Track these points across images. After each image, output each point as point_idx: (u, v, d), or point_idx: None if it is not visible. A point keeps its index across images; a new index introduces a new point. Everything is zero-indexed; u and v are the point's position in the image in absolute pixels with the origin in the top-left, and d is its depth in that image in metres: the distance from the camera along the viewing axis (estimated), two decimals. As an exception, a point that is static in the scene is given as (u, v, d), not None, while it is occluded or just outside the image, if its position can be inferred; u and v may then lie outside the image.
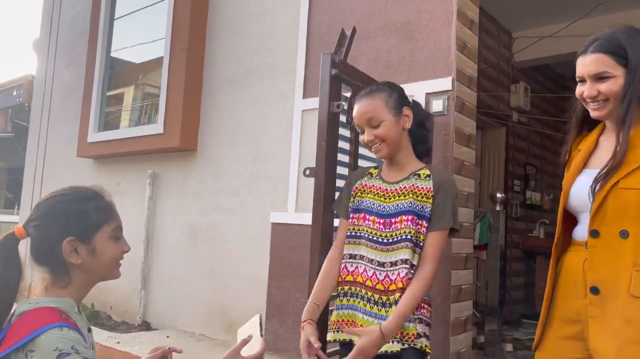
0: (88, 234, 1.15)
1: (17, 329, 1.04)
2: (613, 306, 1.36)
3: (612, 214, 1.39)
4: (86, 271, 1.16)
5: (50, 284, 1.14)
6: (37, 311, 1.08)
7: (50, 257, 1.13)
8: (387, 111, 1.57)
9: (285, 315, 3.06)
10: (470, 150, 2.66)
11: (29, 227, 1.14)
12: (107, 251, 1.18)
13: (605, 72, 1.41)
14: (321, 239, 1.75)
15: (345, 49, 1.82)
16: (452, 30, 2.56)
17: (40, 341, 1.02)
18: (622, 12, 4.52)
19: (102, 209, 1.19)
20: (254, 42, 3.57)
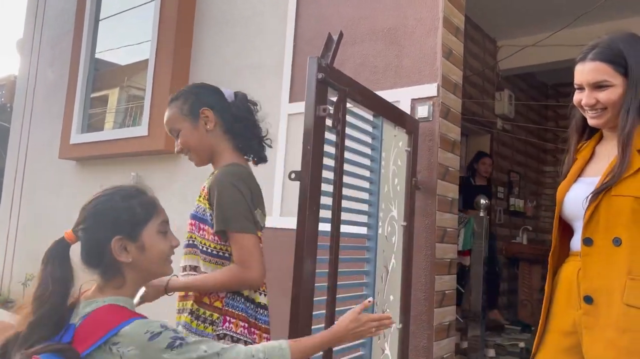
0: (135, 231, 1.15)
1: (94, 327, 1.05)
2: (607, 316, 1.34)
3: (605, 221, 1.38)
4: (137, 268, 1.16)
5: (104, 285, 1.14)
6: (108, 308, 1.09)
7: (101, 259, 1.13)
8: (182, 119, 1.61)
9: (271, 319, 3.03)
10: (454, 156, 2.68)
11: (78, 231, 1.15)
12: (155, 247, 1.18)
13: (605, 81, 1.40)
14: (306, 243, 1.74)
15: (332, 53, 1.82)
16: (438, 37, 2.59)
17: (125, 331, 1.03)
18: (604, 23, 4.60)
19: (146, 205, 1.19)
20: (240, 44, 3.56)
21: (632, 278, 1.33)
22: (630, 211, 1.34)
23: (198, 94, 1.67)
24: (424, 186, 2.53)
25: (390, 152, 2.31)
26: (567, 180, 1.52)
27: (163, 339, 1.04)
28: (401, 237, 2.37)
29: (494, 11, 4.76)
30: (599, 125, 1.48)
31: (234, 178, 1.58)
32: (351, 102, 2.00)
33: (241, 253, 1.53)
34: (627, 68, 1.38)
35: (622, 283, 1.33)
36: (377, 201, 2.22)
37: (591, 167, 1.50)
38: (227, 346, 1.12)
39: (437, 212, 2.52)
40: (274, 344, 1.19)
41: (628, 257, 1.34)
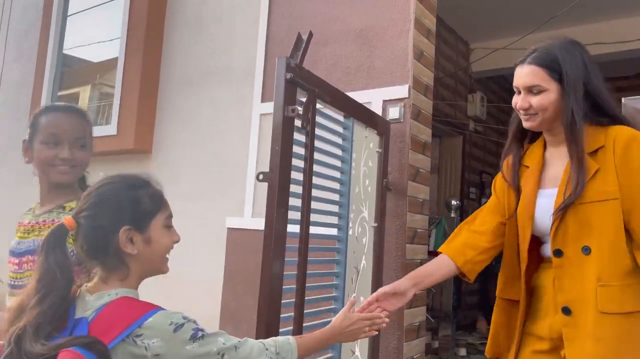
0: (143, 222, 1.12)
1: (113, 320, 1.02)
2: (584, 326, 1.34)
3: (572, 231, 1.38)
4: (141, 262, 1.12)
5: (107, 277, 1.10)
6: (124, 300, 1.06)
7: (106, 249, 1.08)
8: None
9: (239, 322, 3.01)
10: (425, 157, 2.69)
11: (80, 218, 1.09)
12: (161, 241, 1.15)
13: (538, 86, 1.42)
14: (274, 245, 1.72)
15: (301, 53, 1.80)
16: (410, 38, 2.59)
17: (149, 323, 1.01)
18: (573, 27, 4.70)
19: (155, 197, 1.16)
20: (212, 44, 3.52)
21: (602, 284, 1.33)
22: (596, 217, 1.35)
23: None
24: (395, 187, 2.53)
25: (361, 153, 2.30)
26: (531, 194, 1.49)
27: (187, 330, 1.04)
28: (372, 239, 2.37)
29: (467, 14, 4.82)
30: (532, 127, 1.49)
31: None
32: (321, 102, 1.99)
33: None
34: (561, 74, 1.39)
35: (594, 291, 1.33)
36: (347, 202, 2.22)
37: (547, 177, 1.49)
38: (241, 340, 1.13)
39: (408, 213, 2.52)
40: (283, 339, 1.21)
41: (597, 265, 1.34)
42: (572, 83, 1.39)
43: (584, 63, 1.41)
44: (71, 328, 1.03)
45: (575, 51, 1.43)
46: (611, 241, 1.35)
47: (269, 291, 1.68)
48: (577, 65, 1.40)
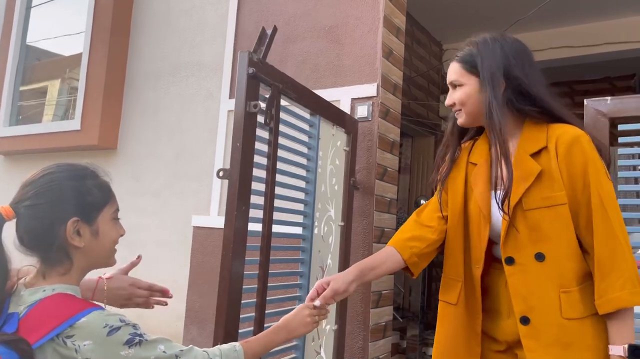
0: (91, 214, 1.07)
1: (44, 317, 0.95)
2: (547, 335, 1.31)
3: (523, 237, 1.34)
4: (87, 255, 1.06)
5: (47, 271, 1.03)
6: (59, 296, 0.99)
7: (50, 241, 1.01)
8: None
9: (204, 322, 2.96)
10: (393, 156, 2.68)
11: (21, 208, 1.01)
12: (108, 233, 1.10)
13: (457, 81, 1.45)
14: (234, 243, 1.67)
15: (265, 47, 1.77)
16: (379, 36, 2.58)
17: (82, 323, 0.95)
18: (541, 30, 4.77)
19: (103, 188, 1.11)
20: (181, 38, 3.45)
21: (565, 290, 1.30)
22: (547, 223, 1.32)
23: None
24: (363, 185, 2.52)
25: (327, 151, 2.28)
26: (485, 197, 1.43)
27: (122, 334, 0.98)
28: (338, 238, 2.34)
29: (440, 15, 4.84)
30: (462, 124, 1.49)
31: None
32: (286, 99, 1.96)
33: None
34: (477, 68, 1.41)
35: (556, 298, 1.30)
36: (312, 201, 2.19)
37: (498, 177, 1.43)
38: (184, 348, 1.06)
39: (375, 212, 2.51)
40: (229, 346, 1.16)
41: (556, 271, 1.31)
42: (488, 75, 1.38)
43: (505, 54, 1.40)
44: (1, 323, 0.97)
45: (494, 44, 1.42)
46: (566, 247, 1.32)
47: (227, 291, 1.63)
48: (494, 57, 1.39)
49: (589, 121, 1.80)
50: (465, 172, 1.52)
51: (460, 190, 1.51)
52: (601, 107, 1.83)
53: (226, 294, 1.63)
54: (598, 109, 1.81)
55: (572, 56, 4.80)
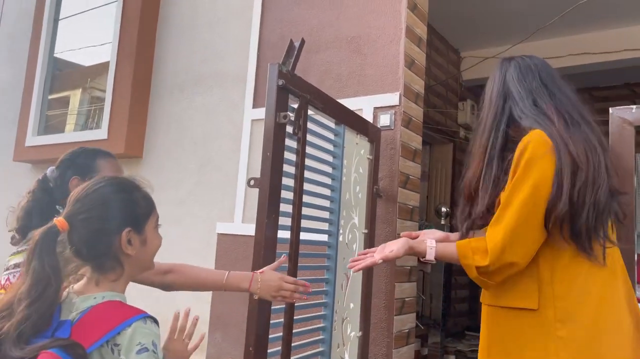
0: (141, 224, 1.14)
1: (95, 323, 1.02)
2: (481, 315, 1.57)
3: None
4: (135, 262, 1.14)
5: (100, 278, 1.10)
6: (110, 304, 1.07)
7: (103, 250, 1.08)
8: None
9: (228, 327, 3.00)
10: (415, 164, 2.71)
11: (76, 221, 1.07)
12: (153, 241, 1.17)
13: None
14: (264, 250, 1.72)
15: (293, 59, 1.82)
16: (401, 46, 2.62)
17: (127, 334, 1.01)
18: (561, 37, 4.76)
19: (147, 199, 1.18)
20: (205, 49, 3.52)
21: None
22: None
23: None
24: (385, 193, 2.55)
25: (351, 159, 2.32)
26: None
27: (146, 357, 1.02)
28: (362, 245, 2.37)
29: (458, 23, 4.87)
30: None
31: None
32: (313, 109, 2.00)
33: None
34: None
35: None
36: (338, 209, 2.23)
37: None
38: None
39: (398, 219, 2.54)
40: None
41: None
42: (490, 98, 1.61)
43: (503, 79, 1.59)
44: (54, 329, 1.02)
45: (503, 68, 1.61)
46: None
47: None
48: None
49: (614, 129, 1.82)
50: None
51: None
52: (626, 115, 1.84)
53: (257, 299, 1.67)
54: (623, 117, 1.82)
55: (592, 62, 4.79)
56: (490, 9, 4.51)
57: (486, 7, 4.49)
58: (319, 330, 2.13)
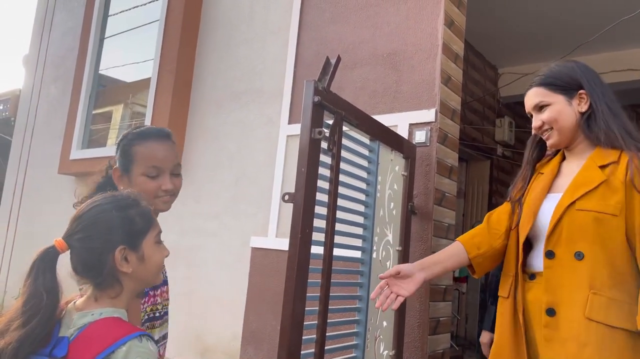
0: (136, 241, 1.14)
1: (91, 341, 1.03)
2: (568, 329, 1.37)
3: (567, 235, 1.42)
4: (134, 279, 1.14)
5: (99, 295, 1.12)
6: (107, 321, 1.07)
7: (100, 269, 1.10)
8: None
9: (261, 342, 3.00)
10: (451, 182, 2.67)
11: (73, 241, 1.11)
12: (153, 257, 1.17)
13: (542, 101, 1.54)
14: (297, 265, 1.72)
15: (329, 76, 1.83)
16: (437, 63, 2.61)
17: (121, 352, 1.01)
18: (601, 53, 4.65)
19: (145, 215, 1.18)
20: (242, 66, 3.59)
21: (594, 292, 1.36)
22: (594, 226, 1.38)
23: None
24: (420, 210, 2.52)
25: (386, 176, 2.30)
26: (538, 196, 1.54)
27: None
28: (396, 262, 2.35)
29: (495, 39, 4.82)
30: (553, 144, 1.56)
31: None
32: (348, 125, 2.01)
33: None
34: (559, 86, 1.52)
35: (584, 297, 1.36)
36: (372, 225, 2.21)
37: (558, 184, 1.54)
38: None
39: (433, 237, 2.50)
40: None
41: (590, 272, 1.37)
42: (589, 85, 1.52)
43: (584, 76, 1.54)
44: (52, 346, 1.03)
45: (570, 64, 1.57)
46: (608, 253, 1.38)
47: (291, 312, 1.68)
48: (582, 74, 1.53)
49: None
50: (531, 182, 1.63)
51: (518, 208, 1.62)
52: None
53: (290, 315, 1.67)
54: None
55: (636, 79, 4.65)
56: (529, 25, 4.45)
57: (525, 23, 4.43)
58: (351, 348, 2.10)
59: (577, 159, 1.53)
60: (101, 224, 1.12)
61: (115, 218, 1.13)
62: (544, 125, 1.55)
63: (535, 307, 1.47)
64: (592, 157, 1.47)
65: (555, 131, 1.53)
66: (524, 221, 1.54)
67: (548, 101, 1.53)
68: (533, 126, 1.58)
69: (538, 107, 1.56)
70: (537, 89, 1.56)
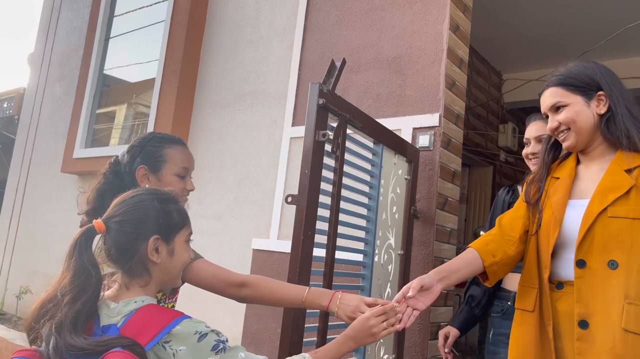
0: (170, 234, 1.16)
1: (144, 325, 1.06)
2: (602, 342, 1.31)
3: (599, 243, 1.36)
4: (161, 272, 1.16)
5: (129, 283, 1.14)
6: (151, 306, 1.10)
7: (132, 255, 1.12)
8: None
9: (261, 344, 3.00)
10: (454, 186, 2.67)
11: (111, 223, 1.13)
12: (181, 254, 1.20)
13: (560, 102, 1.49)
14: (299, 267, 1.72)
15: (334, 79, 1.83)
16: (442, 68, 2.61)
17: (177, 331, 1.05)
18: (606, 61, 4.63)
19: (182, 212, 1.21)
20: (246, 68, 3.60)
21: (630, 302, 1.30)
22: (629, 234, 1.32)
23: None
24: (423, 215, 2.52)
25: (389, 179, 2.30)
26: (560, 203, 1.47)
27: (210, 340, 1.07)
28: (398, 266, 2.34)
29: (500, 45, 4.82)
30: (570, 147, 1.50)
31: None
32: (352, 128, 2.01)
33: None
34: (577, 87, 1.47)
35: (620, 308, 1.30)
36: (374, 228, 2.21)
37: (578, 188, 1.48)
38: (260, 357, 1.13)
39: (435, 242, 2.50)
40: (299, 357, 1.22)
41: (625, 281, 1.31)
42: (608, 86, 1.47)
43: (603, 76, 1.50)
44: (100, 334, 1.05)
45: (588, 63, 1.52)
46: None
47: (292, 314, 1.67)
48: (602, 75, 1.49)
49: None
50: (546, 187, 1.57)
51: (535, 209, 1.56)
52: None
53: (291, 317, 1.67)
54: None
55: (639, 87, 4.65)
56: (534, 31, 4.45)
57: (529, 29, 4.43)
58: (351, 351, 2.10)
59: (596, 163, 1.47)
60: (140, 211, 1.14)
61: (155, 208, 1.15)
62: (560, 126, 1.49)
63: (566, 318, 1.40)
64: (616, 161, 1.41)
65: (573, 132, 1.47)
66: (547, 229, 1.47)
67: (565, 102, 1.47)
68: (549, 127, 1.52)
69: (555, 107, 1.49)
70: (554, 89, 1.50)
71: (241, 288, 1.45)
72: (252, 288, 1.45)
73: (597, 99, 1.46)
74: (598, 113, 1.45)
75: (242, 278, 1.46)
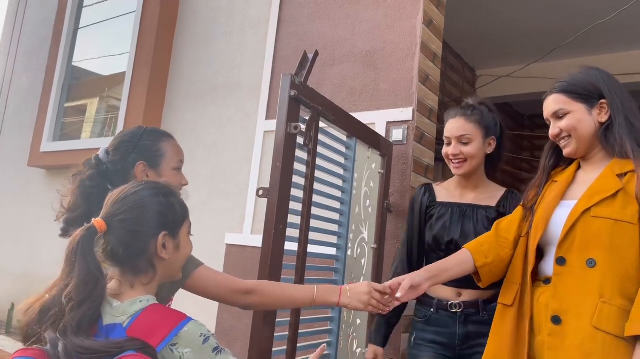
0: (176, 229, 1.14)
1: (153, 327, 1.04)
2: (573, 338, 1.34)
3: (580, 242, 1.39)
4: (167, 267, 1.14)
5: (133, 281, 1.10)
6: (156, 307, 1.09)
7: (139, 252, 1.09)
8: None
9: (234, 340, 2.97)
10: (427, 180, 2.68)
11: (114, 221, 1.08)
12: (185, 247, 1.18)
13: (562, 109, 1.50)
14: (270, 262, 1.70)
15: (306, 71, 1.81)
16: (415, 62, 2.61)
17: (184, 333, 1.04)
18: (576, 58, 4.73)
19: (183, 205, 1.18)
20: (220, 60, 3.55)
21: (605, 301, 1.32)
22: (609, 234, 1.36)
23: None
24: (396, 209, 2.52)
25: (362, 173, 2.30)
26: (550, 203, 1.51)
27: (212, 343, 1.07)
28: (371, 260, 2.34)
29: (474, 41, 4.86)
30: (571, 154, 1.53)
31: None
32: (325, 122, 1.99)
33: None
34: (580, 94, 1.49)
35: (594, 306, 1.33)
36: (347, 222, 2.20)
37: (572, 190, 1.52)
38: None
39: (408, 236, 2.50)
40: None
41: (602, 280, 1.34)
42: (612, 96, 1.48)
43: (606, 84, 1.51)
44: (105, 333, 1.02)
45: (595, 72, 1.53)
46: (619, 262, 1.35)
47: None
48: (604, 82, 1.50)
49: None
50: (545, 191, 1.60)
51: (530, 214, 1.59)
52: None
53: (262, 312, 1.65)
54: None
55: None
56: (507, 27, 4.50)
57: (503, 25, 4.48)
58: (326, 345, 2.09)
59: (593, 168, 1.50)
60: (145, 207, 1.10)
61: (160, 203, 1.12)
62: (562, 133, 1.51)
63: (542, 313, 1.44)
64: (611, 166, 1.45)
65: (574, 140, 1.49)
66: (535, 227, 1.51)
67: (568, 109, 1.49)
68: (550, 133, 1.55)
69: (557, 114, 1.52)
70: (557, 95, 1.52)
71: (247, 296, 1.39)
72: (258, 294, 1.40)
73: (600, 107, 1.48)
74: (599, 121, 1.48)
75: (247, 285, 1.40)
